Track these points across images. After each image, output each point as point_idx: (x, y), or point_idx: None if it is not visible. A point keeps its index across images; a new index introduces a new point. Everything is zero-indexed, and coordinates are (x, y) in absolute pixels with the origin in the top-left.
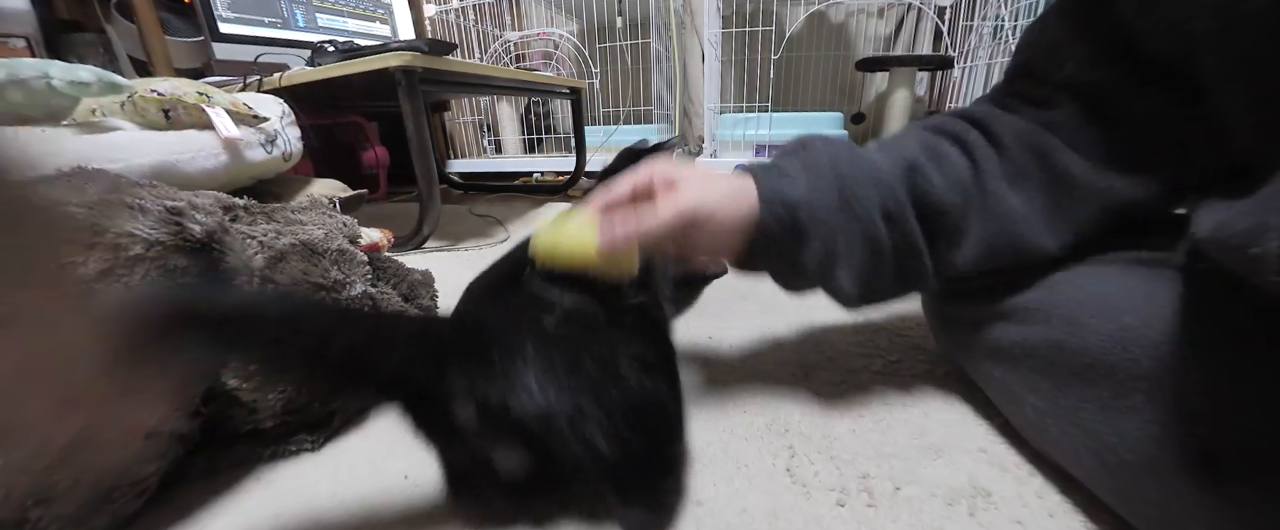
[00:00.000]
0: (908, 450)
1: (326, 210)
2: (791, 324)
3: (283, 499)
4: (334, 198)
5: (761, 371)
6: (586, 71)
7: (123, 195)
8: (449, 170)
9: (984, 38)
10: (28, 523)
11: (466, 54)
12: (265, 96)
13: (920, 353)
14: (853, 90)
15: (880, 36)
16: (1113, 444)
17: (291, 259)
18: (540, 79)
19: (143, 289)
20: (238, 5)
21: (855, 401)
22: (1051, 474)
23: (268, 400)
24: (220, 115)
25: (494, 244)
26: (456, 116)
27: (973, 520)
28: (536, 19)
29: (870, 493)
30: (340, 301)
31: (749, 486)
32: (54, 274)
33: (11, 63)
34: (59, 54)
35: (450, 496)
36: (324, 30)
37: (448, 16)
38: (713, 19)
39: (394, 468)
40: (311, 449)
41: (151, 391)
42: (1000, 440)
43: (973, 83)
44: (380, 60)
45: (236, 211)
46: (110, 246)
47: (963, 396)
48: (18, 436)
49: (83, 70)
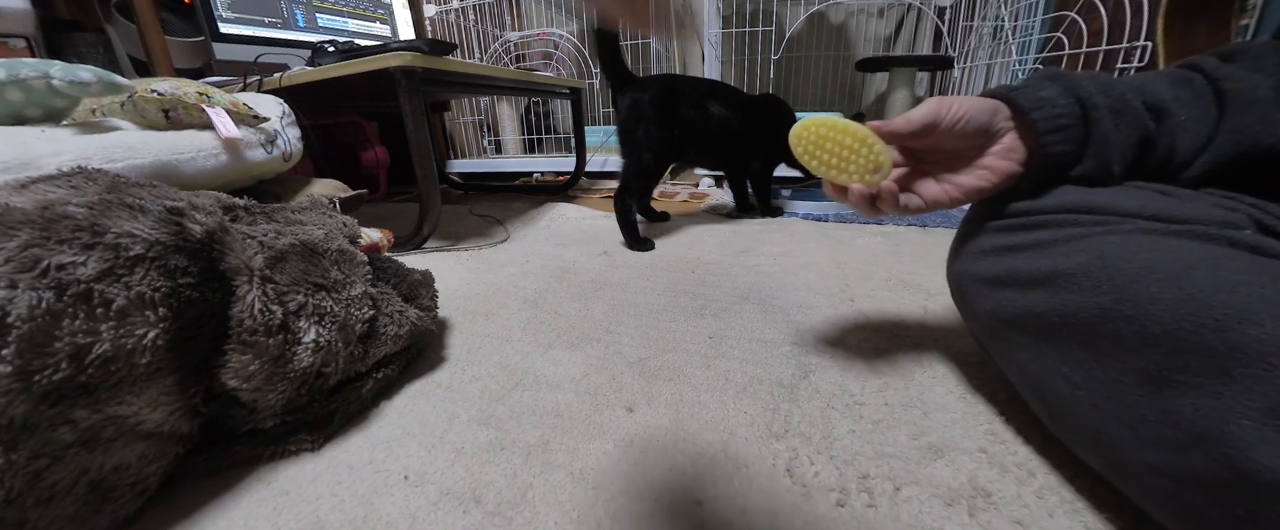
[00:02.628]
0: (908, 450)
1: (326, 210)
2: (792, 324)
3: (283, 499)
4: (334, 198)
5: (761, 371)
6: (586, 71)
7: (123, 195)
8: (449, 170)
9: (984, 38)
10: (28, 523)
11: (466, 54)
12: (265, 96)
13: (921, 353)
14: (853, 90)
15: (880, 37)
16: (1153, 418)
17: (291, 259)
18: (540, 79)
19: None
20: (238, 5)
21: (855, 401)
22: (1052, 474)
23: (268, 400)
24: (220, 115)
25: (494, 244)
26: (456, 116)
27: (973, 520)
28: (536, 19)
29: (870, 493)
30: (340, 301)
31: (749, 486)
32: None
33: (11, 63)
34: (59, 54)
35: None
36: (324, 30)
37: (448, 16)
38: (713, 19)
39: (394, 468)
40: (311, 449)
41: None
42: (1000, 440)
43: (973, 83)
44: (380, 60)
45: (236, 211)
46: (110, 246)
47: (963, 396)
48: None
49: (83, 70)
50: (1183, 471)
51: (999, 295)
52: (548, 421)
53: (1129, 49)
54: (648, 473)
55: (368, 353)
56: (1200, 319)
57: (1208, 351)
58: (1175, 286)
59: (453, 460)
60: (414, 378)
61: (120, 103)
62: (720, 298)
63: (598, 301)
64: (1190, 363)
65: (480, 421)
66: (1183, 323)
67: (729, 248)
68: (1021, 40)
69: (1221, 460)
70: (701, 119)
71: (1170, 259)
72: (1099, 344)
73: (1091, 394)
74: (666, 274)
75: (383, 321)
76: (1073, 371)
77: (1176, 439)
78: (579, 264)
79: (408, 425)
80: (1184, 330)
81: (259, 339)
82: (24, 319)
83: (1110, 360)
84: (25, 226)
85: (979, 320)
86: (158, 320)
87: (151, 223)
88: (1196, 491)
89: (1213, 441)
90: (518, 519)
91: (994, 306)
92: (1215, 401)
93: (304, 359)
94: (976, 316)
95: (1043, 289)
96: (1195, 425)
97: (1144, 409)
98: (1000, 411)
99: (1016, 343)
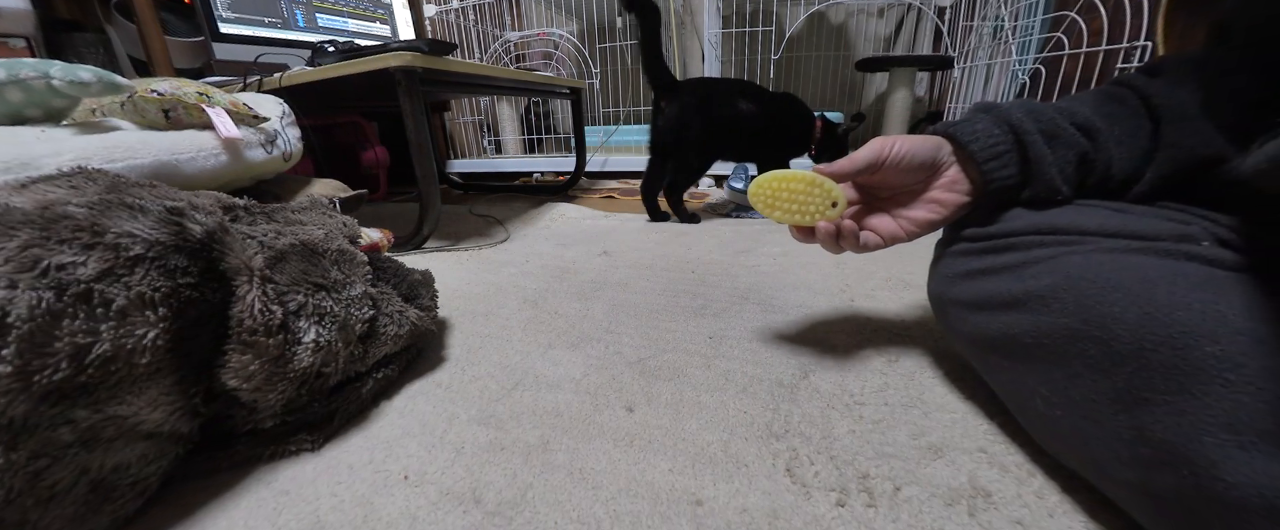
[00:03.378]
0: (908, 450)
1: (326, 210)
2: (791, 324)
3: (283, 499)
4: (334, 198)
5: (761, 371)
6: (586, 71)
7: (123, 195)
8: (449, 170)
9: (984, 38)
10: (28, 523)
11: (466, 54)
12: (265, 96)
13: (920, 352)
14: (853, 90)
15: (880, 36)
16: (1128, 437)
17: (291, 259)
18: (540, 79)
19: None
20: (238, 5)
21: (855, 401)
22: (1052, 474)
23: (268, 400)
24: (220, 115)
25: (494, 244)
26: (456, 116)
27: (973, 520)
28: (536, 19)
29: (870, 493)
30: (340, 301)
31: (749, 486)
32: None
33: (11, 63)
34: (59, 54)
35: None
36: (324, 30)
37: (448, 16)
38: (713, 19)
39: (394, 468)
40: (311, 449)
41: None
42: (1000, 440)
43: (973, 83)
44: (380, 60)
45: (236, 211)
46: (110, 246)
47: (963, 396)
48: None
49: (83, 70)
50: (1158, 488)
51: (976, 318)
52: (548, 421)
53: (1129, 49)
54: (648, 473)
55: (368, 353)
56: (1161, 338)
57: (1170, 369)
58: (1135, 306)
59: (453, 460)
60: (414, 378)
61: (120, 103)
62: (720, 298)
63: (598, 301)
64: (1155, 381)
65: (480, 421)
66: (1145, 341)
67: (729, 248)
68: (1021, 40)
69: (1190, 478)
70: (733, 116)
71: (1131, 277)
72: (1071, 364)
73: (1068, 414)
74: (666, 274)
75: (383, 321)
76: (1051, 392)
77: (1149, 457)
78: (579, 264)
79: (408, 425)
80: (1146, 349)
81: (259, 339)
82: (24, 319)
83: (1083, 380)
84: (25, 226)
85: (960, 341)
86: (158, 320)
87: (151, 223)
88: (1173, 508)
89: (1181, 459)
90: (518, 519)
91: (971, 329)
92: (1180, 419)
93: (304, 359)
94: (958, 337)
95: (1015, 311)
96: (1165, 443)
97: (1118, 428)
98: (1000, 411)
99: (996, 365)
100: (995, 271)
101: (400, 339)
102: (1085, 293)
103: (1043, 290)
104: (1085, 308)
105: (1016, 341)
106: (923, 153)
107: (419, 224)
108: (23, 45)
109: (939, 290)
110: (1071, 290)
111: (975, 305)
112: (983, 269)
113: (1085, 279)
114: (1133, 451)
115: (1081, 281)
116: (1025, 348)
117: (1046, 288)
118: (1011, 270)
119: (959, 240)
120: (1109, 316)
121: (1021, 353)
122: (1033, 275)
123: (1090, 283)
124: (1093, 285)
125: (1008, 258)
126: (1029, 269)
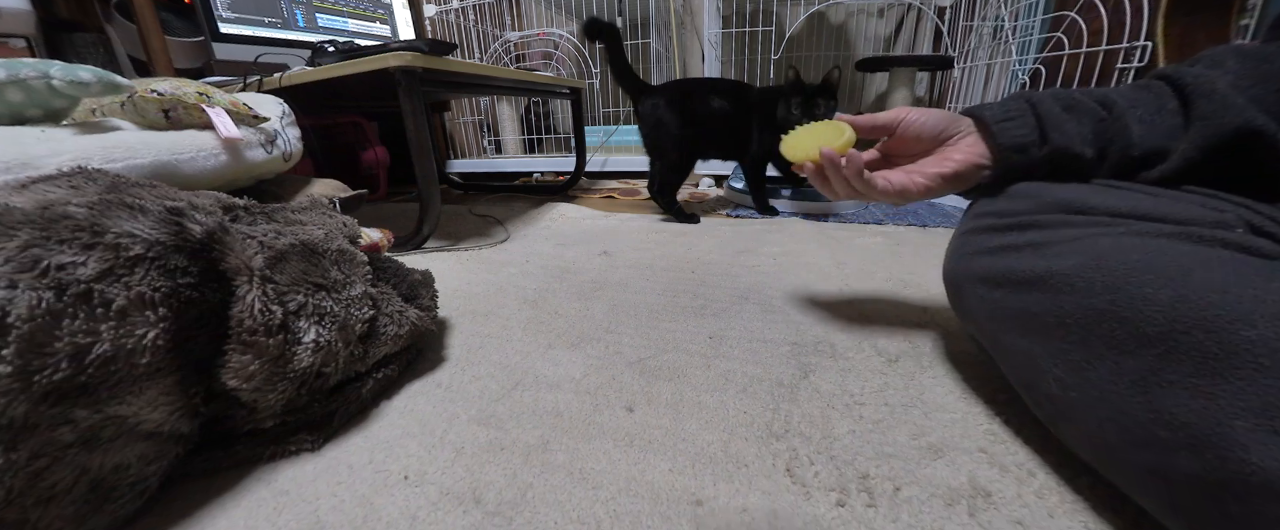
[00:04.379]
0: (908, 450)
1: (326, 210)
2: (791, 324)
3: (283, 499)
4: (334, 198)
5: (761, 371)
6: (586, 71)
7: (123, 195)
8: (449, 170)
9: (984, 38)
10: (28, 523)
11: (466, 54)
12: (265, 96)
13: (920, 352)
14: (853, 90)
15: (880, 36)
16: (1145, 420)
17: (291, 259)
18: (540, 79)
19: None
20: (238, 5)
21: (855, 401)
22: (1052, 474)
23: (268, 400)
24: (220, 115)
25: (494, 244)
26: (456, 116)
27: (973, 520)
28: (536, 19)
29: (870, 493)
30: (340, 301)
31: (749, 486)
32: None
33: (11, 63)
34: (59, 54)
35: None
36: (324, 30)
37: (448, 16)
38: (713, 19)
39: (394, 468)
40: (311, 449)
41: None
42: (1000, 440)
43: (973, 83)
44: (380, 60)
45: (236, 211)
46: (110, 246)
47: (963, 396)
48: None
49: (83, 70)
50: (1175, 472)
51: (994, 295)
52: (548, 421)
53: (1129, 49)
54: (648, 473)
55: (368, 353)
56: (1194, 321)
57: (1202, 353)
58: (1169, 288)
59: (453, 460)
60: (414, 378)
61: (120, 103)
62: (720, 298)
63: (598, 301)
64: (1184, 364)
65: (480, 421)
66: (1177, 324)
67: (729, 248)
68: (1021, 40)
69: (1214, 461)
70: (707, 112)
71: (1164, 261)
72: (1092, 345)
73: (1084, 396)
74: (666, 274)
75: (383, 321)
76: (1066, 373)
77: (1169, 440)
78: (579, 264)
79: (408, 425)
80: (1178, 332)
81: (259, 339)
82: (24, 319)
83: (1103, 361)
84: (25, 226)
85: (974, 320)
86: (158, 320)
87: (151, 223)
88: (1189, 491)
89: (1206, 442)
90: (518, 519)
91: (989, 307)
92: (1208, 402)
93: (304, 359)
94: (972, 316)
95: (1037, 290)
96: (1188, 426)
97: (1136, 410)
98: (1000, 411)
99: (1010, 344)
100: (1017, 249)
101: (400, 339)
102: (1115, 273)
103: (1068, 269)
104: (1114, 289)
105: (1036, 320)
106: (940, 121)
107: (419, 224)
108: (23, 45)
109: (956, 267)
110: (1100, 270)
111: (994, 282)
112: (1004, 245)
113: (1116, 260)
114: (1150, 434)
115: (1112, 262)
116: (1044, 326)
117: (1073, 267)
118: (1035, 248)
119: (982, 217)
120: (1140, 298)
121: (1039, 331)
122: (1058, 254)
123: (1121, 264)
124: (1124, 266)
125: (1032, 235)
126: (1053, 248)
